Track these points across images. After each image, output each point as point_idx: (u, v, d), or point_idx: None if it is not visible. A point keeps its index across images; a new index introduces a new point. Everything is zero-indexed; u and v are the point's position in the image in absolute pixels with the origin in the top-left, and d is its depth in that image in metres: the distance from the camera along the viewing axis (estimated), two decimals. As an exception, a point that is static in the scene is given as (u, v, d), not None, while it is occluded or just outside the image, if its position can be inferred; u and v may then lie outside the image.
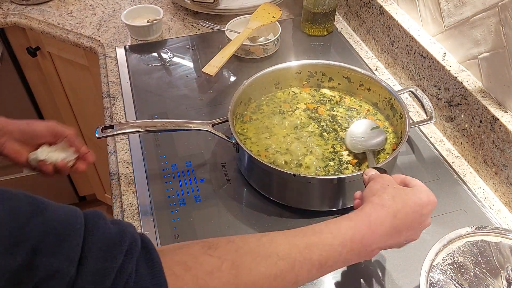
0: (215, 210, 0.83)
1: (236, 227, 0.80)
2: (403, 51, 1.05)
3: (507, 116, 0.80)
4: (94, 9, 1.40)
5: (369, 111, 0.96)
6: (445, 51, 0.95)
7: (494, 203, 0.84)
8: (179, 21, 1.34)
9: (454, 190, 0.86)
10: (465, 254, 0.63)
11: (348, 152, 0.87)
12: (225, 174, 0.89)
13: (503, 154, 0.81)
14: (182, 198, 0.84)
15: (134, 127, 0.82)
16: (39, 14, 1.38)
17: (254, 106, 0.97)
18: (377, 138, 0.87)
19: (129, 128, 0.81)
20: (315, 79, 1.00)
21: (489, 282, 0.61)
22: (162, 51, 1.22)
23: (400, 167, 0.90)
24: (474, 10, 0.85)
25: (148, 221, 0.81)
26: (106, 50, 1.23)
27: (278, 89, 1.00)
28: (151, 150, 0.93)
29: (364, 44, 1.24)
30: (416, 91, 0.92)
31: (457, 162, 0.92)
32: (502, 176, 0.83)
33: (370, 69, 1.15)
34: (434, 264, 0.62)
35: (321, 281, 0.72)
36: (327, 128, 0.92)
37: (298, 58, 1.18)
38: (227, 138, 0.83)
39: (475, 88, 0.87)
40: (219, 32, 1.26)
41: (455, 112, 0.92)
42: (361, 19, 1.23)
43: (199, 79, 1.12)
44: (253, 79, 0.92)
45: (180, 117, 1.01)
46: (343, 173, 0.83)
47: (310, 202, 0.81)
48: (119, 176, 0.90)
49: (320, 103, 0.97)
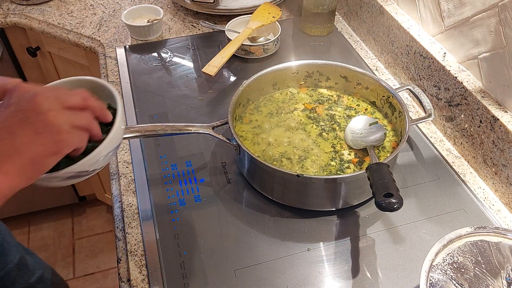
0: (215, 210, 0.83)
1: (236, 227, 0.80)
2: (403, 51, 1.05)
3: (507, 116, 0.80)
4: (94, 9, 1.40)
5: (367, 109, 0.96)
6: (445, 51, 0.95)
7: (494, 203, 0.84)
8: (179, 21, 1.34)
9: (454, 190, 0.86)
10: (465, 254, 0.63)
11: (349, 151, 0.87)
12: (225, 174, 0.89)
13: (503, 154, 0.81)
14: (182, 198, 0.84)
15: (134, 131, 0.80)
16: (39, 14, 1.38)
17: (253, 107, 0.97)
18: (377, 133, 0.88)
19: (129, 133, 0.79)
20: (312, 79, 1.00)
21: (489, 282, 0.61)
22: (162, 51, 1.22)
23: (400, 167, 0.90)
24: (474, 10, 0.85)
25: (148, 221, 0.81)
26: (106, 50, 1.23)
27: (276, 90, 1.00)
28: (151, 150, 0.93)
29: (364, 44, 1.24)
30: (414, 89, 0.92)
31: (457, 162, 0.92)
32: (502, 176, 0.83)
33: (370, 69, 1.15)
34: (434, 264, 0.62)
35: (321, 281, 0.72)
36: (326, 127, 0.92)
37: (298, 58, 1.18)
38: (227, 140, 0.83)
39: (475, 88, 0.87)
40: (219, 32, 1.26)
41: (455, 112, 0.92)
42: (361, 19, 1.23)
43: (199, 79, 1.12)
44: (251, 81, 0.93)
45: (180, 117, 1.01)
46: (345, 172, 0.83)
47: (311, 202, 0.81)
48: (119, 176, 0.90)
49: (318, 103, 0.97)
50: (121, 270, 0.76)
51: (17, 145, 0.48)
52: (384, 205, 0.65)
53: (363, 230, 0.80)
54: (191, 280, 0.72)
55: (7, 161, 0.48)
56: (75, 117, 0.52)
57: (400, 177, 0.88)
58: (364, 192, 0.80)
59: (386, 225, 0.80)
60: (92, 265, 1.94)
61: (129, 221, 0.82)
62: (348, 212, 0.82)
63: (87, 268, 1.93)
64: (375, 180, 0.69)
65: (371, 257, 0.76)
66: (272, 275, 0.73)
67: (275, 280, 0.72)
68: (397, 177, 0.87)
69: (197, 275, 0.73)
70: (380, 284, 0.72)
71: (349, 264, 0.75)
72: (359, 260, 0.75)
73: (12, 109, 0.49)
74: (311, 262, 0.75)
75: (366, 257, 0.76)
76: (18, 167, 0.48)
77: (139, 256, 0.76)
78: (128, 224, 0.81)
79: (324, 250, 0.77)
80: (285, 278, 0.72)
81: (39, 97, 0.50)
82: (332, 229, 0.80)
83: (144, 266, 0.75)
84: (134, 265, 0.75)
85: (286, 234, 0.79)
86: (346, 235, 0.79)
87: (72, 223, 2.11)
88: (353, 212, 0.82)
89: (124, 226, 0.81)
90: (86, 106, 0.54)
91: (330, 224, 0.81)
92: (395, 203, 0.65)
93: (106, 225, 2.10)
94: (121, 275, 0.75)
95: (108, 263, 1.95)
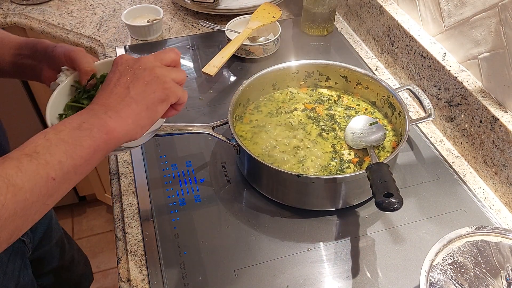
0: (215, 210, 0.83)
1: (236, 227, 0.80)
2: (403, 51, 1.05)
3: (507, 116, 0.80)
4: (94, 9, 1.40)
5: (367, 109, 0.96)
6: (445, 51, 0.95)
7: (494, 203, 0.84)
8: (179, 21, 1.34)
9: (454, 190, 0.86)
10: (465, 254, 0.63)
11: (349, 151, 0.87)
12: (225, 174, 0.89)
13: (503, 154, 0.81)
14: (182, 198, 0.84)
15: None
16: (39, 14, 1.38)
17: (253, 107, 0.97)
18: (377, 133, 0.88)
19: None
20: (312, 79, 1.00)
21: (489, 282, 0.61)
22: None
23: (400, 167, 0.90)
24: (474, 10, 0.85)
25: (148, 221, 0.81)
26: (106, 50, 1.23)
27: (276, 90, 1.00)
28: (151, 150, 0.93)
29: (364, 44, 1.24)
30: (414, 89, 0.92)
31: (457, 162, 0.92)
32: (502, 176, 0.83)
33: (370, 69, 1.15)
34: (434, 264, 0.62)
35: (321, 281, 0.72)
36: (326, 127, 0.92)
37: (298, 58, 1.18)
38: (227, 140, 0.83)
39: (475, 88, 0.87)
40: (219, 32, 1.26)
41: (455, 112, 0.92)
42: (361, 19, 1.23)
43: (199, 79, 1.12)
44: (251, 81, 0.93)
45: (180, 117, 1.01)
46: (345, 172, 0.83)
47: (311, 202, 0.81)
48: (119, 176, 0.90)
49: (318, 103, 0.97)
50: (121, 270, 0.76)
51: (132, 95, 0.55)
52: (384, 205, 0.65)
53: (363, 230, 0.80)
54: (191, 280, 0.72)
55: (126, 108, 0.54)
56: (173, 72, 0.59)
57: (400, 177, 0.88)
58: (364, 192, 0.80)
59: (386, 225, 0.80)
60: (92, 265, 1.94)
61: (129, 221, 0.82)
62: (348, 212, 0.82)
63: (87, 268, 1.93)
64: (375, 180, 0.69)
65: (371, 257, 0.76)
66: (272, 275, 0.73)
67: (275, 280, 0.72)
68: (397, 177, 0.87)
69: (197, 275, 0.73)
70: (380, 284, 0.72)
71: (349, 264, 0.75)
72: (359, 260, 0.75)
73: (123, 70, 0.57)
74: (311, 262, 0.75)
75: (366, 257, 0.76)
76: (135, 114, 0.55)
77: (139, 256, 0.76)
78: (128, 224, 0.81)
79: (324, 250, 0.77)
80: (285, 278, 0.72)
81: (143, 58, 0.58)
82: (332, 229, 0.80)
83: (144, 266, 0.75)
84: (134, 265, 0.75)
85: (286, 234, 0.79)
86: (346, 235, 0.79)
87: (72, 223, 2.11)
88: (353, 212, 0.82)
89: (124, 226, 0.81)
90: (178, 61, 0.63)
91: (330, 224, 0.81)
92: (395, 203, 0.65)
93: (106, 225, 2.10)
94: (121, 275, 0.75)
95: (108, 263, 1.95)
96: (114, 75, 0.57)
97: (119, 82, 0.56)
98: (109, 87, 0.56)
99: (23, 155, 0.47)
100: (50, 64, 0.72)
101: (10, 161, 0.46)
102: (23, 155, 0.47)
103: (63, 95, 0.69)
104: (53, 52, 0.71)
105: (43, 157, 0.47)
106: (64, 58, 0.69)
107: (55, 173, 0.48)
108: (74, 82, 0.70)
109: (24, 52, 0.74)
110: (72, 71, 0.70)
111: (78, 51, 0.69)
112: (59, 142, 0.49)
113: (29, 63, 0.74)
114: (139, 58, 0.59)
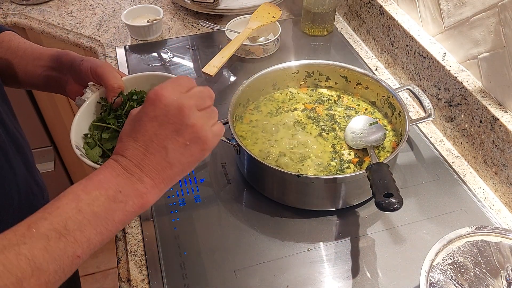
0: (215, 210, 0.83)
1: (236, 227, 0.80)
2: (403, 51, 1.05)
3: (507, 116, 0.80)
4: (94, 9, 1.40)
5: (367, 109, 0.96)
6: (445, 51, 0.95)
7: (494, 203, 0.84)
8: (179, 21, 1.34)
9: (454, 190, 0.86)
10: (465, 254, 0.63)
11: (349, 151, 0.87)
12: (225, 175, 0.89)
13: (503, 154, 0.81)
14: (182, 199, 0.84)
15: None
16: (39, 14, 1.38)
17: (253, 107, 0.97)
18: (377, 133, 0.88)
19: None
20: (312, 79, 1.00)
21: (489, 282, 0.61)
22: (162, 51, 1.22)
23: (400, 167, 0.90)
24: (473, 10, 0.85)
25: (148, 222, 0.81)
26: (106, 50, 1.23)
27: (275, 90, 1.00)
28: (151, 150, 0.93)
29: (364, 44, 1.24)
30: (414, 89, 0.92)
31: (457, 162, 0.92)
32: (502, 176, 0.83)
33: (370, 69, 1.15)
34: (434, 264, 0.62)
35: (321, 281, 0.72)
36: (326, 127, 0.92)
37: (298, 58, 1.18)
38: (227, 140, 0.83)
39: (475, 88, 0.87)
40: (219, 32, 1.26)
41: (455, 112, 0.92)
42: (361, 19, 1.23)
43: (199, 79, 1.12)
44: (251, 81, 0.93)
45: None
46: (345, 172, 0.83)
47: (311, 202, 0.81)
48: (119, 176, 0.90)
49: (318, 103, 0.98)
50: (121, 270, 0.76)
51: (170, 159, 0.51)
52: (384, 205, 0.65)
53: (363, 230, 0.80)
54: (191, 280, 0.72)
55: (161, 174, 0.51)
56: (211, 120, 0.54)
57: (400, 177, 0.88)
58: (364, 192, 0.80)
59: (386, 225, 0.80)
60: (92, 265, 1.95)
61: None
62: (348, 212, 0.82)
63: (87, 268, 1.93)
64: (375, 180, 0.70)
65: (371, 257, 0.76)
66: (272, 275, 0.73)
67: (275, 280, 0.72)
68: (397, 177, 0.87)
69: (197, 275, 0.73)
70: (380, 284, 0.72)
71: (349, 264, 0.75)
72: (359, 260, 0.75)
73: (162, 121, 0.51)
74: (311, 262, 0.75)
75: (366, 257, 0.76)
76: (169, 179, 0.52)
77: (139, 256, 0.76)
78: (128, 224, 0.81)
79: (324, 250, 0.77)
80: (285, 278, 0.72)
81: (186, 109, 0.51)
82: (332, 229, 0.80)
83: (144, 266, 0.75)
84: (134, 265, 0.75)
85: (286, 234, 0.79)
86: (346, 235, 0.79)
87: (72, 223, 2.11)
88: (353, 212, 0.82)
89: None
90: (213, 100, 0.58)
91: (330, 224, 0.81)
92: (395, 203, 0.65)
93: (106, 225, 2.10)
94: (121, 275, 0.75)
95: (108, 263, 1.95)
96: (152, 123, 0.51)
97: (157, 137, 0.51)
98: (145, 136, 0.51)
99: (52, 230, 0.44)
100: (76, 78, 0.70)
101: (38, 239, 0.43)
102: (52, 231, 0.44)
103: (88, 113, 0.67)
104: (79, 66, 0.68)
105: (72, 235, 0.45)
106: (91, 73, 0.67)
107: (81, 250, 0.46)
108: (100, 98, 0.68)
109: (48, 64, 0.72)
110: (99, 86, 0.69)
111: (105, 66, 0.66)
112: (92, 217, 0.47)
113: (54, 75, 0.72)
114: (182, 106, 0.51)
